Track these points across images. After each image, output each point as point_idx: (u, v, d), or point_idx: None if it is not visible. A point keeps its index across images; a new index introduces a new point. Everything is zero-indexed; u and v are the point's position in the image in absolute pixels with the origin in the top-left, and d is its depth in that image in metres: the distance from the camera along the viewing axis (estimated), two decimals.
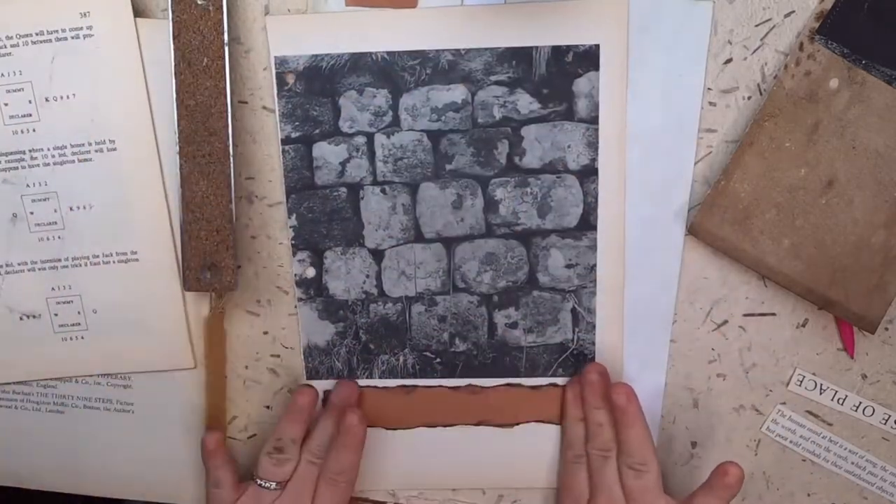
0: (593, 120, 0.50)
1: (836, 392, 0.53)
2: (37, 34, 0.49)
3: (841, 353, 0.53)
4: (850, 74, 0.48)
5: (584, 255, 0.52)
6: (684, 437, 0.55)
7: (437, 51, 0.50)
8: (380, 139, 0.51)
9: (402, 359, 0.54)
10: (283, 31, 0.50)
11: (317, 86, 0.50)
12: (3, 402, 0.56)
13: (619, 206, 0.51)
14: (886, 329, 0.52)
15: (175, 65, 0.48)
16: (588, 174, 0.51)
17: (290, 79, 0.50)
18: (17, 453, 0.57)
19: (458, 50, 0.49)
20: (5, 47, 0.49)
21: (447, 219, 0.52)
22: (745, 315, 0.53)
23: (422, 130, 0.51)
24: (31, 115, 0.50)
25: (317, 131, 0.51)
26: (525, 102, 0.50)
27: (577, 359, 0.54)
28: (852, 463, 0.55)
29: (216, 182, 0.50)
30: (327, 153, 0.51)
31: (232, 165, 0.49)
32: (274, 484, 0.51)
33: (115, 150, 0.51)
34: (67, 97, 0.50)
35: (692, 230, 0.50)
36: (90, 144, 0.50)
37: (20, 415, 0.56)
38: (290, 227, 0.53)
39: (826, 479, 0.55)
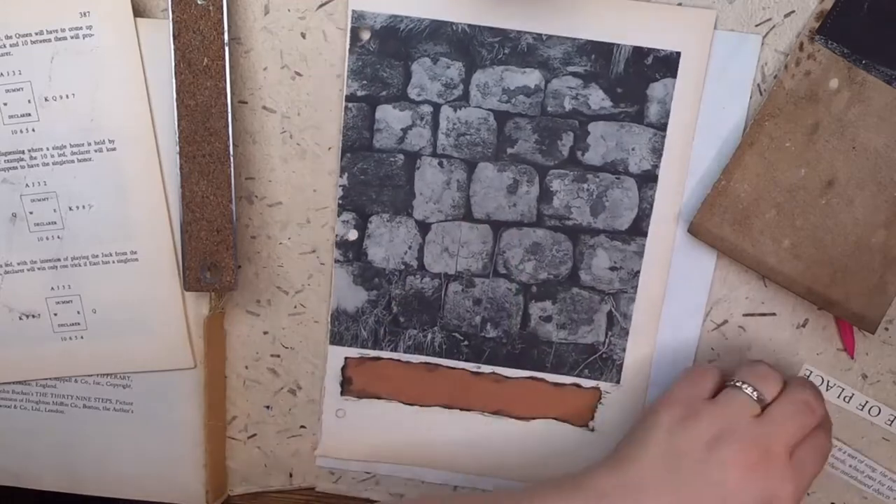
0: (662, 126, 0.50)
1: (843, 390, 0.53)
2: (36, 34, 0.49)
3: (841, 353, 0.53)
4: (850, 74, 0.48)
5: (629, 260, 0.52)
6: None
7: (519, 32, 0.49)
8: (446, 111, 0.51)
9: (430, 336, 0.54)
10: None
11: (391, 47, 0.50)
12: (2, 402, 0.56)
13: (672, 217, 0.51)
14: (886, 329, 0.52)
15: (175, 65, 0.48)
16: (647, 180, 0.51)
17: (366, 35, 0.49)
18: (16, 453, 0.57)
19: (539, 35, 0.49)
20: (4, 47, 0.49)
21: (500, 202, 0.52)
22: (745, 315, 0.53)
23: (489, 109, 0.50)
24: (30, 114, 0.50)
25: (383, 93, 0.50)
26: (597, 98, 0.50)
27: (604, 363, 0.54)
28: (850, 466, 0.55)
29: (216, 182, 0.50)
30: (390, 117, 0.51)
31: (232, 165, 0.49)
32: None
33: (114, 150, 0.50)
34: (67, 97, 0.50)
35: (692, 230, 0.50)
36: (90, 144, 0.50)
37: (19, 414, 0.56)
38: (340, 186, 0.52)
39: (825, 480, 0.55)
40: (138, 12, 0.49)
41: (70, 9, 0.48)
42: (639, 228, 0.52)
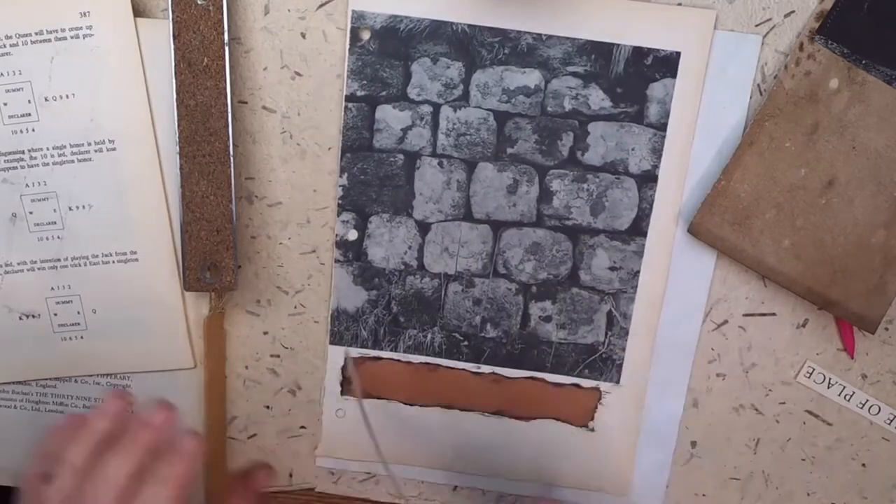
0: (662, 127, 0.50)
1: (844, 388, 0.53)
2: (36, 34, 0.49)
3: (841, 353, 0.53)
4: (850, 74, 0.48)
5: (629, 260, 0.52)
6: (684, 436, 0.55)
7: (519, 32, 0.49)
8: (446, 111, 0.51)
9: (429, 336, 0.54)
10: None
11: (391, 47, 0.50)
12: (2, 402, 0.56)
13: (672, 217, 0.51)
14: (886, 329, 0.52)
15: (175, 65, 0.48)
16: (647, 180, 0.51)
17: (365, 35, 0.49)
18: (16, 453, 0.57)
19: (539, 35, 0.49)
20: (5, 47, 0.49)
21: (499, 202, 0.52)
22: (745, 315, 0.53)
23: (489, 109, 0.51)
24: (30, 114, 0.50)
25: (383, 93, 0.51)
26: (597, 98, 0.50)
27: (604, 363, 0.54)
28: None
29: (216, 182, 0.50)
30: (390, 117, 0.51)
31: (232, 165, 0.49)
32: None
33: (114, 150, 0.50)
34: (67, 97, 0.50)
35: (692, 230, 0.50)
36: (90, 144, 0.50)
37: (20, 414, 0.56)
38: (340, 186, 0.52)
39: (826, 479, 0.56)
40: (138, 12, 0.49)
41: (70, 9, 0.48)
42: (639, 228, 0.52)
